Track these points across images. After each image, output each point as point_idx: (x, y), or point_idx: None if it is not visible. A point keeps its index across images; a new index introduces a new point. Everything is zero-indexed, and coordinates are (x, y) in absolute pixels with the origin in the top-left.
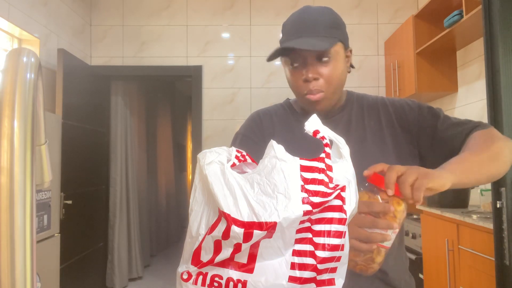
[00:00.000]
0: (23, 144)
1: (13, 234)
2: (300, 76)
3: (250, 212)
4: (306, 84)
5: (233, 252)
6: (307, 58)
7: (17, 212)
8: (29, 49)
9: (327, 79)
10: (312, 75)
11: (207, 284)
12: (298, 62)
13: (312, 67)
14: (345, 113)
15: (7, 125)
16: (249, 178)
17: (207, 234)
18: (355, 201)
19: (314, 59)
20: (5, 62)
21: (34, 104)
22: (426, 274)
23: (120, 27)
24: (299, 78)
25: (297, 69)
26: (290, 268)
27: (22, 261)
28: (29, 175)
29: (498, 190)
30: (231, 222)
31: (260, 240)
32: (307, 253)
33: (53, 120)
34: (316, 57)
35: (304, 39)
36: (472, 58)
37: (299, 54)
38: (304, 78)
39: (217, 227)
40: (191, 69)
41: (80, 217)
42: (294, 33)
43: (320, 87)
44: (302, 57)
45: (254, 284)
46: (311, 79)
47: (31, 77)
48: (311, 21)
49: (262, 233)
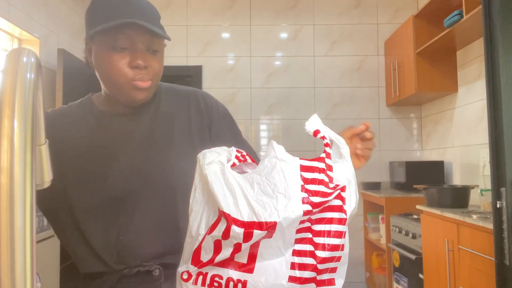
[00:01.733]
0: (23, 144)
1: (13, 234)
2: (128, 61)
3: (250, 212)
4: (135, 71)
5: (233, 252)
6: (137, 44)
7: (17, 212)
8: (29, 49)
9: (155, 71)
10: (143, 63)
11: (207, 284)
12: (127, 46)
13: (142, 54)
14: (152, 108)
15: (7, 125)
16: (249, 178)
17: (207, 234)
18: (355, 201)
19: (144, 48)
20: (5, 62)
21: (34, 104)
22: (426, 274)
23: None
24: (126, 63)
25: (124, 53)
26: (290, 268)
27: (22, 261)
28: (29, 175)
29: (498, 190)
30: (231, 222)
31: (260, 240)
32: (307, 253)
33: None
34: (146, 47)
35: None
36: (472, 58)
37: (129, 38)
38: (135, 65)
39: (217, 227)
40: (191, 69)
41: None
42: (127, 12)
43: (149, 77)
44: (132, 42)
45: (254, 284)
46: (142, 66)
47: (31, 77)
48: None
49: (262, 233)
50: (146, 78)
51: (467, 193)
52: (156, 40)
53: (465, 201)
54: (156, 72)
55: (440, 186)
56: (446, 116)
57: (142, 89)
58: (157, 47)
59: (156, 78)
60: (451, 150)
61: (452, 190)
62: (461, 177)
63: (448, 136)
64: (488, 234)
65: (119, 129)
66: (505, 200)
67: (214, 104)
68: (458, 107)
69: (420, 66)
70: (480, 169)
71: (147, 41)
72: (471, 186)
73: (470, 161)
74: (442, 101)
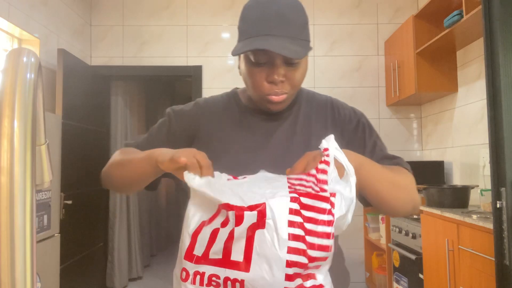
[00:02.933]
0: (23, 144)
1: (13, 234)
2: (265, 76)
3: (240, 200)
4: (271, 86)
5: (227, 241)
6: (275, 59)
7: (17, 212)
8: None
9: (293, 82)
10: (279, 78)
11: (205, 283)
12: (265, 61)
13: (280, 69)
14: (293, 112)
15: (7, 125)
16: (237, 183)
17: (205, 225)
18: (349, 217)
19: (282, 61)
20: (5, 62)
21: (34, 104)
22: (426, 274)
23: (120, 27)
24: (263, 78)
25: (262, 67)
26: (286, 266)
27: (22, 261)
28: (29, 175)
29: (498, 190)
30: (224, 208)
31: (254, 232)
32: (300, 251)
33: (53, 120)
34: (285, 61)
35: (277, 39)
36: (472, 58)
37: (267, 54)
38: (271, 80)
39: (215, 219)
40: (191, 69)
41: (80, 217)
42: (264, 28)
43: (284, 90)
44: (270, 58)
45: (251, 282)
46: (278, 81)
47: (31, 77)
48: (284, 18)
49: (252, 214)
50: (281, 92)
51: (467, 193)
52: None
53: (465, 201)
54: (294, 84)
55: (440, 186)
56: (446, 116)
57: (276, 102)
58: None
59: (292, 89)
60: (451, 150)
61: (452, 190)
62: (461, 177)
63: (448, 136)
64: (488, 234)
65: (261, 127)
66: (505, 200)
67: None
68: (458, 107)
69: (420, 66)
70: (480, 169)
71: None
72: (471, 186)
73: (470, 161)
74: (442, 101)
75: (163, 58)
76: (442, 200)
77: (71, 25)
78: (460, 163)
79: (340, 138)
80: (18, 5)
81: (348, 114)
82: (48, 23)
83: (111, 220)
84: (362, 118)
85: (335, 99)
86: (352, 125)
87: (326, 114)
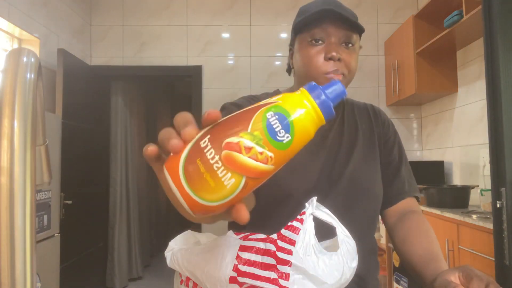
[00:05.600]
0: (23, 144)
1: (13, 234)
2: (322, 53)
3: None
4: (329, 63)
5: None
6: (331, 36)
7: (17, 212)
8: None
9: (349, 65)
10: (337, 55)
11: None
12: (321, 39)
13: (337, 47)
14: (339, 113)
15: (7, 125)
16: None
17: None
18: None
19: (338, 41)
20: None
21: (34, 104)
22: None
23: (120, 27)
24: (320, 56)
25: (320, 46)
26: None
27: (22, 261)
28: (29, 175)
29: (498, 190)
30: None
31: None
32: None
33: (53, 120)
34: (340, 40)
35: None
36: (472, 58)
37: (325, 30)
38: (329, 56)
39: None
40: (191, 69)
41: (80, 217)
42: (323, 4)
43: (342, 70)
44: (327, 34)
45: None
46: (336, 58)
47: (31, 77)
48: (342, 5)
49: None
50: (339, 71)
51: (467, 193)
52: (350, 35)
53: (465, 201)
54: (350, 67)
55: (440, 186)
56: (446, 116)
57: None
58: (352, 41)
59: (350, 74)
60: (451, 150)
61: (452, 190)
62: (461, 177)
63: (448, 136)
64: (488, 234)
65: None
66: (505, 200)
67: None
68: (458, 107)
69: (420, 66)
70: (480, 169)
71: (343, 35)
72: (471, 186)
73: (470, 161)
74: (442, 101)
75: (163, 58)
76: (442, 200)
77: (71, 25)
78: (460, 163)
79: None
80: (18, 5)
81: (387, 122)
82: (48, 23)
83: (111, 220)
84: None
85: (373, 104)
86: (389, 133)
87: (369, 116)
